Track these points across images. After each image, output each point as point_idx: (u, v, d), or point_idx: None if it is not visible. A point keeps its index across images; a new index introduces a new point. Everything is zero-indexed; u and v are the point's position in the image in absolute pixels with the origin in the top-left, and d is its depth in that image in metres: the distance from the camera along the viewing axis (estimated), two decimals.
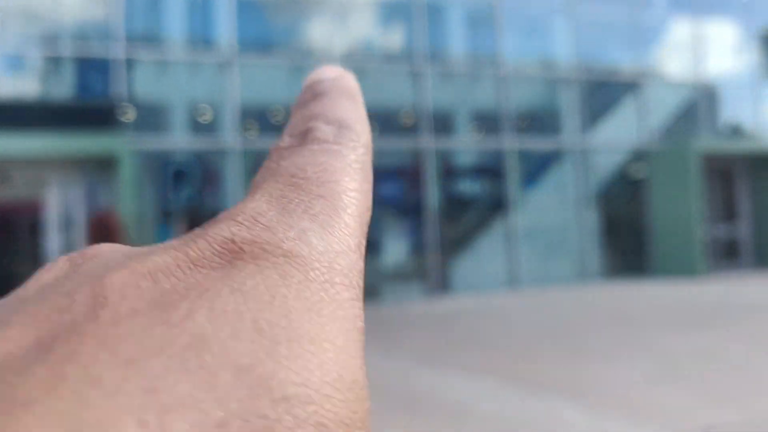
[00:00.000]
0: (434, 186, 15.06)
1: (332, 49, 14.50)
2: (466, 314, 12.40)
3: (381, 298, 14.83)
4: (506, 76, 15.99)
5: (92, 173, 12.62)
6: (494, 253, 16.10)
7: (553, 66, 17.13)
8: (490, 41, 16.36)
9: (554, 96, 17.07)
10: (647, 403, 5.64)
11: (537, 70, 17.02)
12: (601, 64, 17.63)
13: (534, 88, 17.01)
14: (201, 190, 13.34)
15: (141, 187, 12.90)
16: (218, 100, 13.95)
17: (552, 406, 5.69)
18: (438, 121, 15.67)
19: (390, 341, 9.77)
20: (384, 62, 15.70)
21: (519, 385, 6.45)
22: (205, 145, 13.72)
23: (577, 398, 5.90)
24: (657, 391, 6.02)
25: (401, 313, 12.87)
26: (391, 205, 14.87)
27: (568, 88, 16.86)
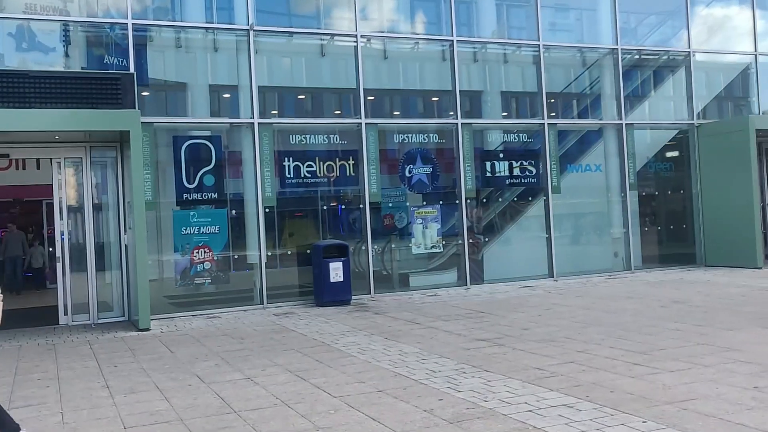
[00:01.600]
0: (468, 168, 13.99)
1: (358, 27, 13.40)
2: (527, 307, 11.35)
3: (411, 287, 13.82)
4: (545, 53, 14.86)
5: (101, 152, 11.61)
6: (530, 239, 15.04)
7: (595, 42, 15.99)
8: (529, 19, 15.22)
9: (595, 73, 15.94)
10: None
11: (578, 46, 15.89)
12: (646, 40, 16.47)
13: (575, 66, 15.89)
14: (220, 171, 12.33)
15: (154, 167, 11.89)
16: (237, 76, 12.90)
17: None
18: (472, 99, 14.60)
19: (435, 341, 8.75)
20: (411, 40, 14.60)
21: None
22: (223, 122, 12.69)
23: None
24: None
25: (441, 304, 11.86)
26: (423, 189, 13.81)
27: (610, 65, 15.71)
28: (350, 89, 13.39)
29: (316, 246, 12.41)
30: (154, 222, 11.86)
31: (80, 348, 9.22)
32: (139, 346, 9.13)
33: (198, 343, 9.23)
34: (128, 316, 11.50)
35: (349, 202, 13.50)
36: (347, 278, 12.28)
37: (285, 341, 9.04)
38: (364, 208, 13.19)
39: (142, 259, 10.43)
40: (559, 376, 6.56)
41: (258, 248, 12.40)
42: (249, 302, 12.44)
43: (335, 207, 13.53)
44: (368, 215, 13.17)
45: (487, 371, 6.89)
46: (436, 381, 6.58)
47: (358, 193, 13.32)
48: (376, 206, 13.42)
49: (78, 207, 11.56)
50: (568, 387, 6.14)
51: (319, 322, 10.47)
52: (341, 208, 13.49)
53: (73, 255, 11.48)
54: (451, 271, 14.43)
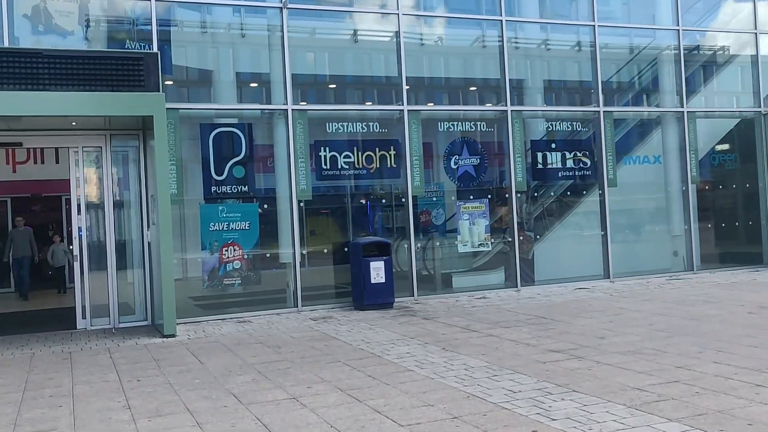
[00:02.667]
0: (519, 159, 12.86)
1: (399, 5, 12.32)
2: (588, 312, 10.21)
3: (455, 289, 12.72)
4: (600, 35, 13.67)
5: (122, 141, 10.64)
6: (584, 237, 13.88)
7: (654, 23, 14.78)
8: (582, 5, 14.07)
9: (654, 57, 14.72)
10: None
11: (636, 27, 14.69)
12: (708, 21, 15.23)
13: (632, 49, 14.69)
14: (251, 162, 11.31)
15: (179, 158, 10.89)
16: (269, 59, 11.88)
17: None
18: (522, 85, 13.48)
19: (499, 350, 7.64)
20: (457, 20, 13.51)
21: None
22: (253, 108, 11.68)
23: None
24: None
25: (494, 308, 10.74)
26: (470, 182, 12.70)
27: (670, 48, 14.49)
28: (391, 74, 12.32)
29: (355, 243, 11.35)
30: (179, 217, 10.87)
31: (99, 357, 8.23)
32: (164, 356, 8.12)
33: (230, 352, 8.19)
34: (151, 320, 10.52)
35: (390, 196, 12.42)
36: (389, 279, 11.21)
37: (328, 351, 7.98)
38: (406, 202, 12.11)
39: (168, 257, 9.43)
40: (669, 400, 5.43)
41: (292, 246, 11.37)
42: (282, 305, 11.41)
43: (375, 201, 12.46)
44: (411, 210, 12.09)
45: (576, 391, 5.78)
46: (519, 405, 5.48)
47: (400, 186, 12.24)
48: (420, 200, 12.33)
49: (97, 201, 10.59)
50: (689, 416, 5.00)
51: (363, 329, 9.40)
52: (381, 203, 12.42)
53: (92, 253, 10.51)
54: (497, 272, 13.32)
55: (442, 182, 12.75)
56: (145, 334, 9.69)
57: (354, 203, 12.37)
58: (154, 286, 10.23)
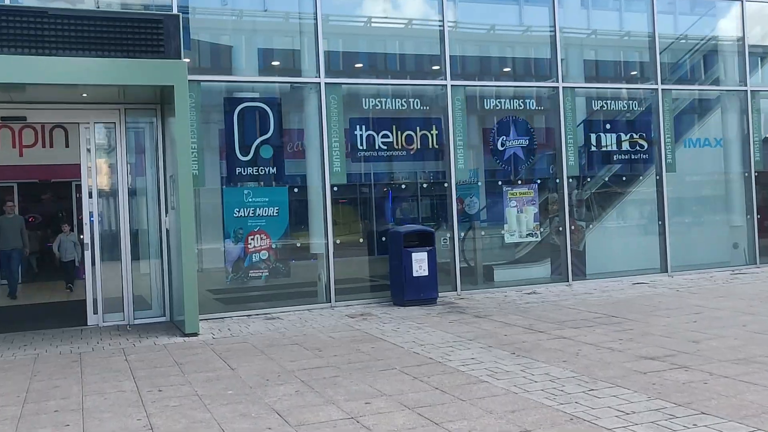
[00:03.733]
0: (570, 141, 11.70)
1: None
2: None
3: (497, 282, 11.59)
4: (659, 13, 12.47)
5: (138, 116, 9.56)
6: (639, 226, 12.73)
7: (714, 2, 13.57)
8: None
9: (712, 28, 13.49)
10: None
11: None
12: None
13: (689, 18, 13.47)
14: (280, 141, 10.20)
15: (201, 136, 9.81)
16: (299, 27, 10.76)
17: None
18: (573, 59, 12.29)
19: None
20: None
21: None
22: (283, 81, 10.54)
23: None
24: None
25: (551, 305, 9.60)
26: (518, 165, 11.56)
27: (734, 17, 13.26)
28: (433, 44, 11.17)
29: (395, 232, 10.23)
30: (200, 203, 9.76)
31: (113, 360, 7.15)
32: (188, 359, 7.03)
33: (263, 355, 7.10)
34: (170, 316, 9.45)
35: (431, 180, 11.29)
36: (433, 272, 10.09)
37: (378, 355, 6.87)
38: (449, 186, 10.97)
39: (189, 246, 8.34)
40: None
41: (324, 235, 10.26)
42: (312, 299, 10.32)
43: (415, 185, 11.33)
44: (453, 195, 10.96)
45: (706, 413, 4.65)
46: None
47: (442, 168, 11.11)
48: (463, 185, 11.19)
49: (110, 183, 9.52)
50: None
51: (410, 328, 8.29)
52: (422, 187, 11.28)
53: (104, 241, 9.45)
54: (543, 264, 12.17)
55: (488, 165, 11.61)
56: (164, 332, 8.62)
57: (392, 188, 11.24)
58: (173, 278, 9.16)
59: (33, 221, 17.10)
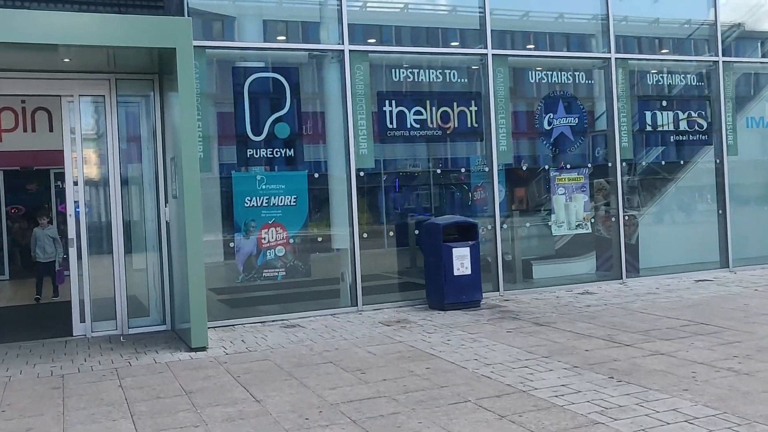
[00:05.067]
0: (624, 119, 10.30)
1: None
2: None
3: (537, 280, 10.21)
4: None
5: (132, 87, 8.09)
6: (696, 216, 11.37)
7: None
8: None
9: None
10: None
11: None
12: None
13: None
14: (298, 118, 8.75)
15: (206, 113, 8.36)
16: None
17: None
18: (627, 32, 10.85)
19: None
20: None
21: None
22: (301, 49, 9.06)
23: None
24: None
25: (617, 308, 8.21)
26: (566, 146, 10.15)
27: None
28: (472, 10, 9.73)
29: (432, 225, 8.81)
30: (205, 190, 8.29)
31: (103, 386, 5.71)
32: (198, 385, 5.60)
33: (292, 378, 5.68)
34: (171, 324, 8.03)
35: (470, 164, 9.86)
36: (477, 270, 8.69)
37: (438, 380, 5.46)
38: (491, 171, 9.57)
39: (195, 242, 6.90)
40: None
41: (349, 227, 8.84)
42: (336, 302, 8.92)
43: (453, 170, 9.91)
44: (495, 181, 9.55)
45: None
46: None
47: (482, 150, 9.70)
48: (508, 169, 9.79)
49: (99, 168, 8.06)
50: None
51: (462, 339, 6.88)
52: (460, 172, 9.85)
53: (93, 237, 8.00)
54: (587, 259, 10.80)
55: (532, 147, 10.21)
56: (165, 345, 7.19)
57: (428, 172, 9.81)
58: (175, 279, 7.74)
59: (15, 213, 15.63)
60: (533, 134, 10.05)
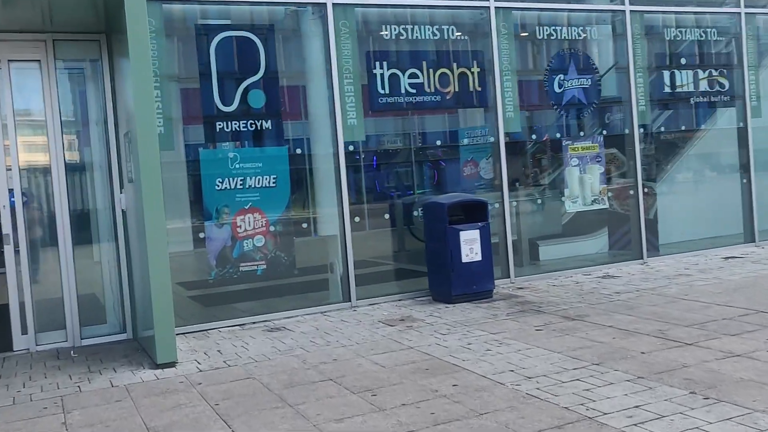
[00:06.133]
0: (640, 79, 9.18)
1: None
2: None
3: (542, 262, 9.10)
4: None
5: (74, 50, 6.73)
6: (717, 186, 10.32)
7: None
8: None
9: None
10: None
11: None
12: None
13: None
14: (275, 84, 7.45)
15: (165, 80, 7.04)
16: None
17: None
18: None
19: None
20: None
21: None
22: (275, 2, 7.73)
23: None
24: None
25: (654, 294, 7.11)
26: (579, 112, 8.99)
27: None
28: None
29: (435, 204, 7.61)
30: (168, 171, 6.98)
31: (42, 425, 4.45)
32: (165, 419, 4.37)
33: (284, 405, 4.48)
34: (133, 332, 6.76)
35: (474, 133, 8.66)
36: (488, 256, 7.53)
37: (473, 403, 4.29)
38: (497, 141, 8.39)
39: (157, 233, 5.63)
40: None
41: (338, 210, 7.61)
42: (326, 298, 7.72)
43: (453, 142, 8.69)
44: (502, 152, 8.38)
45: None
46: None
47: (486, 118, 8.50)
48: (515, 138, 8.62)
49: (37, 148, 6.72)
50: None
51: (486, 342, 5.72)
52: (463, 143, 8.63)
53: (33, 231, 6.68)
54: (597, 237, 9.72)
55: (541, 113, 9.05)
56: (125, 360, 5.93)
57: (425, 145, 8.61)
58: (135, 279, 6.46)
59: None
60: (543, 98, 8.87)
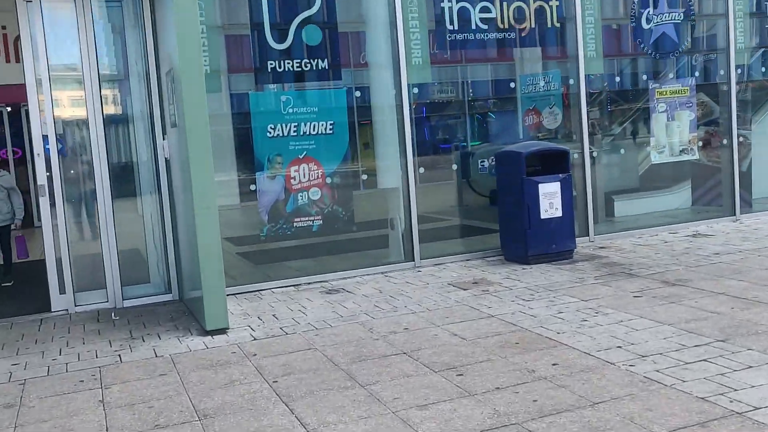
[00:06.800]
0: (739, 11, 8.15)
1: None
2: None
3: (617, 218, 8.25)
4: None
5: None
6: None
7: None
8: None
9: None
10: None
11: None
12: None
13: None
14: (331, 18, 6.67)
15: (211, 16, 6.30)
16: None
17: None
18: None
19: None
20: None
21: None
22: None
23: None
24: None
25: (757, 255, 6.25)
26: (670, 50, 8.02)
27: None
28: None
29: (511, 153, 6.80)
30: (215, 117, 6.29)
31: (77, 402, 3.87)
32: (217, 400, 3.74)
33: (354, 384, 3.81)
34: (178, 293, 6.18)
35: (552, 75, 7.77)
36: (569, 212, 6.73)
37: (581, 389, 3.56)
38: (577, 83, 7.50)
39: (204, 181, 4.96)
40: None
41: (401, 160, 6.86)
42: (387, 256, 7.02)
43: (530, 84, 7.82)
44: (583, 96, 7.49)
45: None
46: None
47: (564, 57, 7.61)
48: (596, 80, 7.73)
49: (72, 90, 6.08)
50: None
51: (580, 311, 4.97)
52: (538, 86, 7.76)
53: (71, 183, 6.09)
54: (680, 191, 8.82)
55: (626, 53, 8.11)
56: (171, 325, 5.35)
57: (496, 87, 7.77)
58: (181, 235, 5.85)
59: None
60: (628, 35, 7.91)
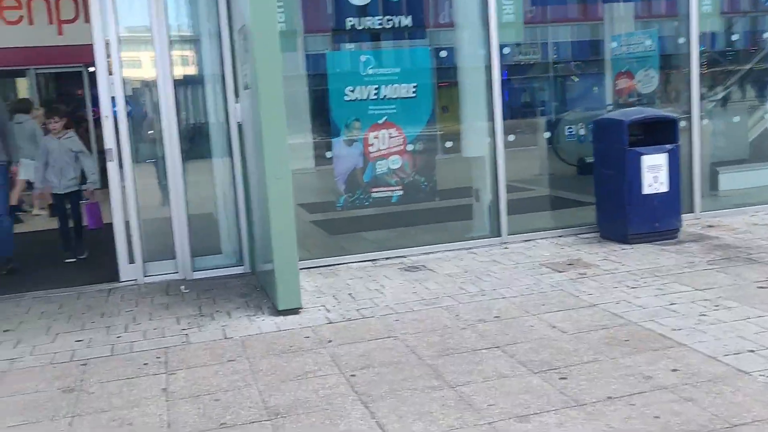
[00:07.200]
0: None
1: None
2: None
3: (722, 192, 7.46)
4: None
5: None
6: None
7: None
8: None
9: None
10: None
11: None
12: None
13: None
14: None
15: None
16: None
17: None
18: None
19: None
20: None
21: None
22: None
23: None
24: None
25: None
26: None
27: None
28: None
29: (612, 122, 6.15)
30: (290, 78, 5.85)
31: (140, 389, 3.56)
32: (289, 395, 3.36)
33: (442, 383, 3.36)
34: (250, 265, 5.85)
35: (659, 35, 7.02)
36: (675, 187, 6.06)
37: (708, 402, 3.00)
38: (688, 42, 6.74)
39: (278, 151, 4.55)
40: None
41: (489, 126, 6.30)
42: (470, 230, 6.52)
43: (632, 43, 7.09)
44: (694, 58, 6.73)
45: None
46: None
47: (678, 13, 6.85)
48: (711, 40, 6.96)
49: (140, 48, 5.76)
50: None
51: (697, 303, 4.37)
52: (644, 45, 7.00)
53: (139, 147, 5.80)
54: None
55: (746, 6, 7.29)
56: (242, 302, 5.02)
57: (595, 49, 7.09)
58: (253, 203, 5.49)
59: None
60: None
